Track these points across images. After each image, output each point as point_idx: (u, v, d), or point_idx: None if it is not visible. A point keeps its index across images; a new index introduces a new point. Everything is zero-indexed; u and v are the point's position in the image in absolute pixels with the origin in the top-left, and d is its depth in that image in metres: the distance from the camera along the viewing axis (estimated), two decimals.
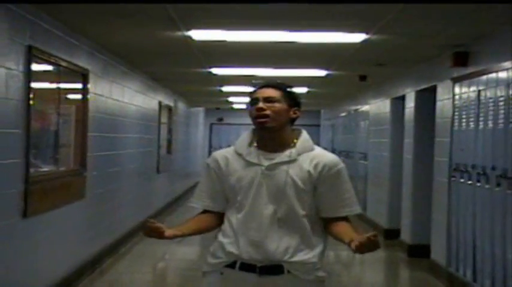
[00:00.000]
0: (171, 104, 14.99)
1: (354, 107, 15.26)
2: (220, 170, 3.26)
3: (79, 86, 7.52)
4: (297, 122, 3.27)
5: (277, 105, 3.20)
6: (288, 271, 3.13)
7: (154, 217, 12.47)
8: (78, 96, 7.57)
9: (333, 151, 18.83)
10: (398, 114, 10.89)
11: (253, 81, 11.27)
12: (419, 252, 9.31)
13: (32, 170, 5.89)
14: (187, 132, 19.00)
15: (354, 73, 10.38)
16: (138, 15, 6.10)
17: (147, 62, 9.77)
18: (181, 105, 16.95)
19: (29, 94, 5.69)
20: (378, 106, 12.36)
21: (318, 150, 3.26)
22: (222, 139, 26.00)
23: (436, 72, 8.49)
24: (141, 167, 11.31)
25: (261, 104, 3.20)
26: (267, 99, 3.21)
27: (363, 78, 10.61)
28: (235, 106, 21.51)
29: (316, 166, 3.17)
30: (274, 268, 3.13)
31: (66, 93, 7.39)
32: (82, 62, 7.36)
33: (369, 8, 5.61)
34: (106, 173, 8.69)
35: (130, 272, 8.49)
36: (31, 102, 5.73)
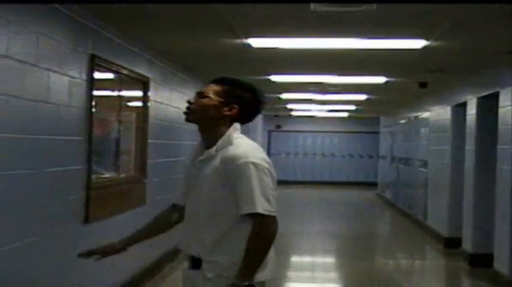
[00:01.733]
0: None
1: (413, 114, 15.10)
2: (188, 164, 3.30)
3: (139, 93, 7.62)
4: (355, 129, 3.22)
5: (204, 100, 3.18)
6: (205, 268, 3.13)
7: None
8: (139, 103, 7.67)
9: (392, 158, 18.68)
10: (460, 121, 10.73)
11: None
12: (481, 261, 9.14)
13: (93, 176, 5.98)
14: None
15: (414, 80, 10.26)
16: (197, 24, 6.15)
17: (206, 69, 9.84)
18: None
19: (91, 102, 5.79)
20: (439, 113, 12.20)
21: (237, 145, 3.13)
22: (280, 146, 25.99)
23: (498, 79, 8.34)
24: None
25: (191, 98, 3.23)
26: (199, 94, 3.22)
27: (423, 85, 10.48)
28: (293, 113, 21.49)
29: (222, 160, 3.08)
30: (196, 262, 3.15)
31: (127, 101, 7.49)
32: (143, 70, 7.46)
33: (429, 14, 5.54)
34: (165, 180, 8.77)
35: None
36: (93, 109, 5.83)
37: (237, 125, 3.23)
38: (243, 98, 3.23)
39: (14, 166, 4.51)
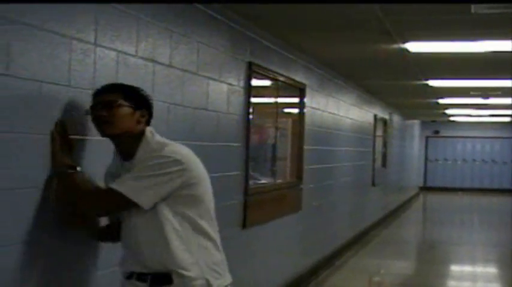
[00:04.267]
0: (386, 117, 14.89)
1: None
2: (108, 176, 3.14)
3: (296, 100, 7.68)
4: (508, 135, 3.03)
5: (119, 110, 2.97)
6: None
7: (369, 231, 12.42)
8: (295, 110, 7.73)
9: None
10: None
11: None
12: None
13: (250, 182, 6.08)
14: (402, 145, 18.77)
15: None
16: (354, 30, 6.13)
17: (362, 75, 9.79)
18: (396, 118, 16.78)
19: (248, 109, 5.89)
20: None
21: (158, 146, 2.97)
22: (439, 152, 25.39)
23: None
24: (355, 180, 11.32)
25: (100, 111, 2.99)
26: (107, 104, 2.98)
27: None
28: (452, 119, 20.95)
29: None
30: (159, 277, 3.11)
31: (283, 108, 7.57)
32: (299, 77, 7.51)
33: None
34: (321, 186, 8.79)
35: (345, 285, 8.50)
36: (250, 116, 5.94)
37: (151, 129, 3.07)
38: (144, 100, 3.09)
39: None
